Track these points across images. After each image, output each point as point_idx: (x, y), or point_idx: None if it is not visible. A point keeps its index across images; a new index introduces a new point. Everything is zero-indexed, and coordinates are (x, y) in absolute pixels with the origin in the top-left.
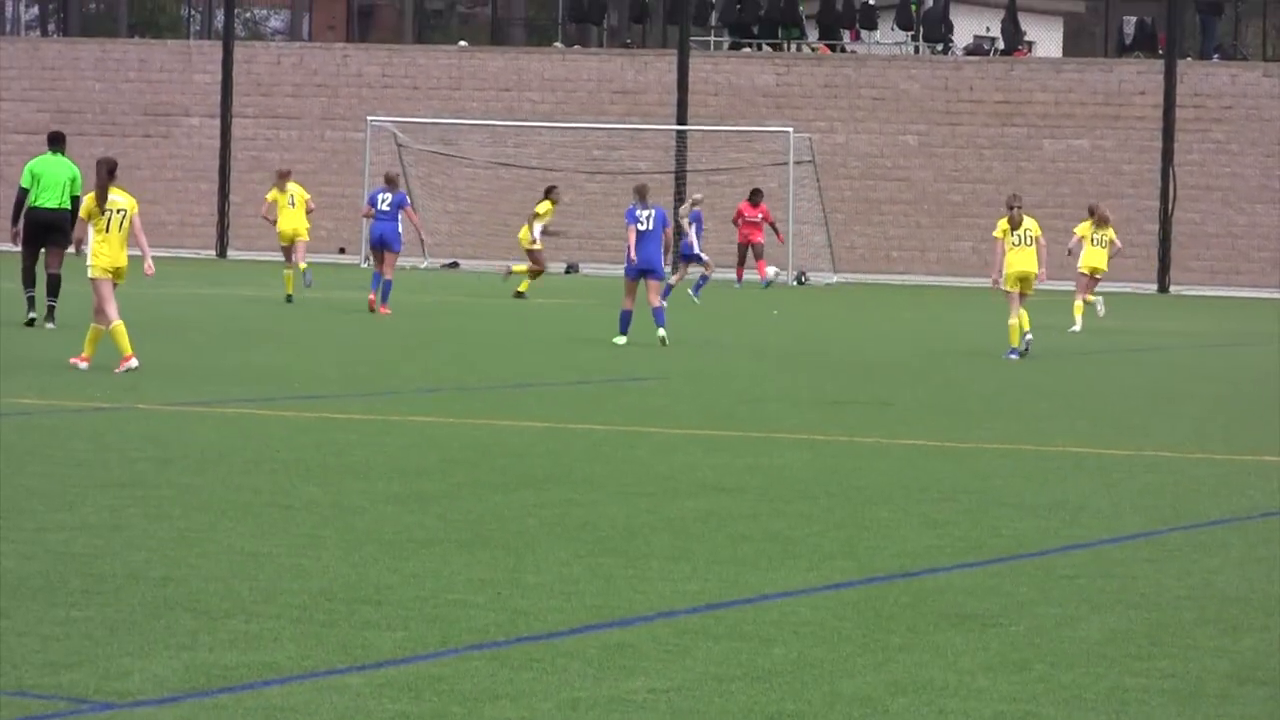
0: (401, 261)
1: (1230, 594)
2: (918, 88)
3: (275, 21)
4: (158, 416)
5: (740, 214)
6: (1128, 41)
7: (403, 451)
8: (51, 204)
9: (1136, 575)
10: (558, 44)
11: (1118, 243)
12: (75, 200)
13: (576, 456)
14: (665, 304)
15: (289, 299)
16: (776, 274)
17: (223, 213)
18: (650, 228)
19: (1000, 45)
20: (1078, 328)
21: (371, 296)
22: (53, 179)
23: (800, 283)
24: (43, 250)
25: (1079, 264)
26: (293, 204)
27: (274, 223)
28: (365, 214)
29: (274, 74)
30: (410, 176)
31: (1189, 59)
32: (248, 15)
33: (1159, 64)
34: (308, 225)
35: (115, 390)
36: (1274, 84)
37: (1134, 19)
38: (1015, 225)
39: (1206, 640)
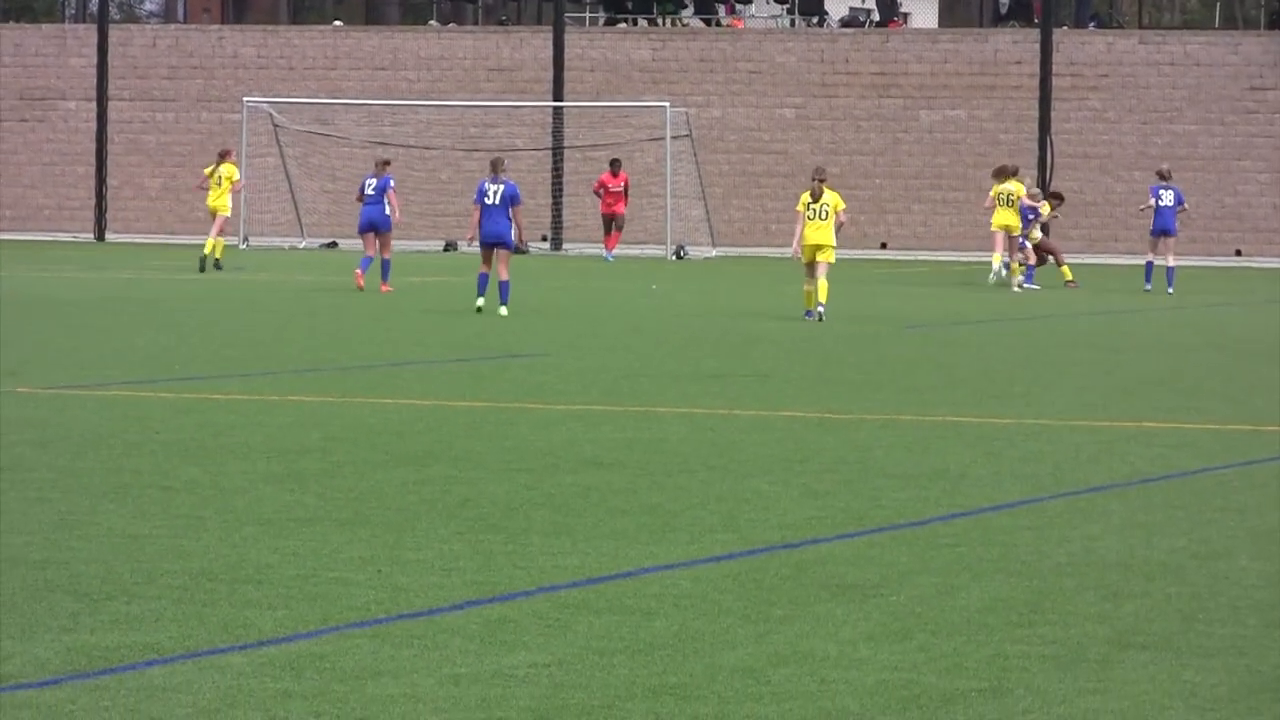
0: (279, 241)
1: (1111, 560)
2: (794, 61)
3: (150, 4)
4: (36, 399)
5: (602, 184)
6: (1003, 11)
7: (282, 431)
8: None
9: (1017, 543)
10: (433, 22)
11: (1025, 200)
12: None
13: (456, 433)
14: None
15: (202, 263)
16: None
17: (100, 196)
18: (497, 202)
19: (875, 17)
20: (997, 275)
21: (359, 274)
22: None
23: (679, 257)
24: None
25: (991, 223)
26: (219, 184)
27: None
28: (357, 198)
29: (149, 56)
30: (286, 156)
31: (1064, 27)
32: None
33: (1035, 33)
34: (227, 203)
35: None
36: (1150, 51)
37: None
38: (815, 198)
39: (1087, 606)
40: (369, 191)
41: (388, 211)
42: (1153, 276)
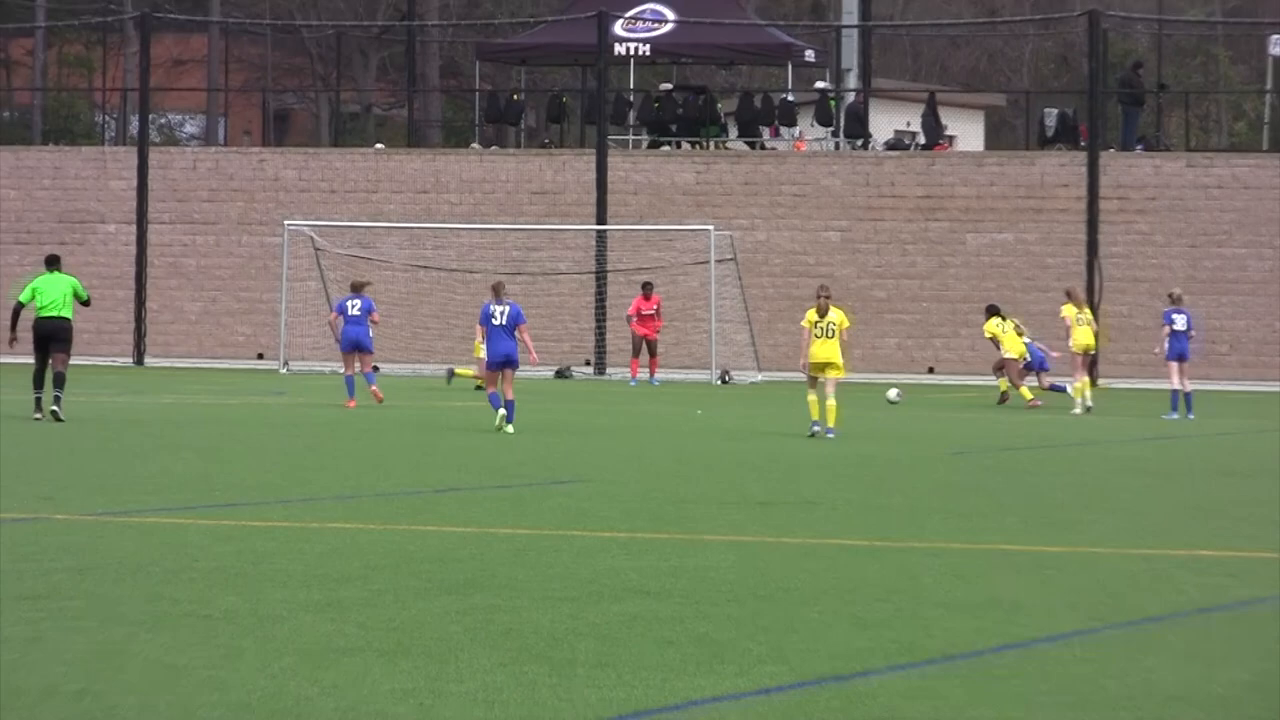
0: (320, 366)
1: (1170, 693)
2: (839, 184)
3: (190, 127)
4: (75, 526)
5: (637, 309)
6: (1050, 134)
7: (322, 559)
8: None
9: (1073, 675)
10: (475, 145)
11: (1094, 324)
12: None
13: (499, 561)
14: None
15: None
16: (899, 395)
17: (139, 319)
18: (504, 323)
19: (921, 140)
20: (1078, 410)
21: (350, 402)
22: (54, 292)
23: (724, 381)
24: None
25: (1071, 344)
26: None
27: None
28: (332, 321)
29: (189, 179)
30: (328, 280)
31: (1111, 150)
32: (163, 121)
33: (1081, 156)
34: (369, 334)
35: (31, 501)
36: (1197, 174)
37: (1055, 111)
38: (821, 315)
39: None
40: (353, 312)
41: (370, 332)
42: (1178, 405)
